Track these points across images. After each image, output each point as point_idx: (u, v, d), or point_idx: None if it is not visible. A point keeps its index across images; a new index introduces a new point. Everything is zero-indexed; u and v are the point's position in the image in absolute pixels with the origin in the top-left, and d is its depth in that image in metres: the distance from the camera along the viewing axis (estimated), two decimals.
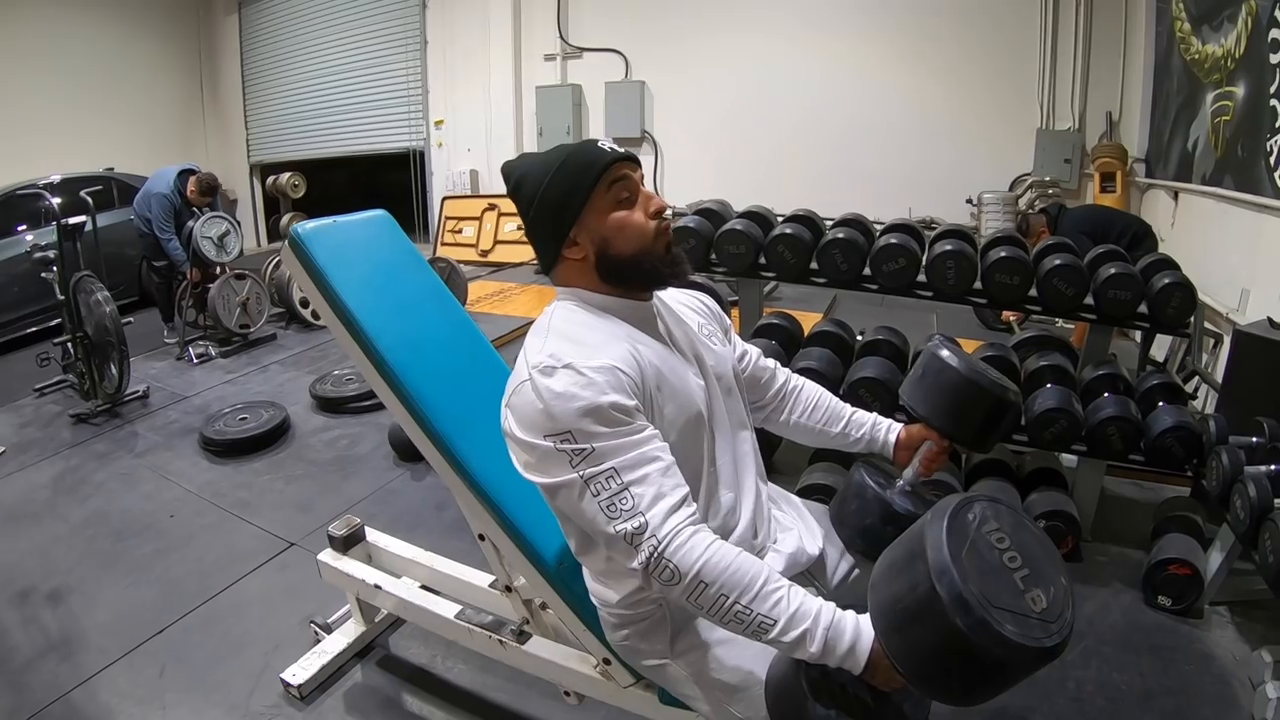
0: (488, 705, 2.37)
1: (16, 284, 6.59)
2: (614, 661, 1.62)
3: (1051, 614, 1.04)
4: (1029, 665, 1.03)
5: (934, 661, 1.05)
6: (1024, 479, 3.28)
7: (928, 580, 1.03)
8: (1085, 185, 6.86)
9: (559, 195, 1.35)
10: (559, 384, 1.21)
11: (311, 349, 6.13)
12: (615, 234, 1.35)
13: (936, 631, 1.02)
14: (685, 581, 1.16)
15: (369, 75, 10.57)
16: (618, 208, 1.36)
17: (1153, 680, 2.45)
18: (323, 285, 1.76)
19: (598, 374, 1.22)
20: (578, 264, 1.39)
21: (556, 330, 1.33)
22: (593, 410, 1.19)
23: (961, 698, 1.11)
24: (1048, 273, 3.10)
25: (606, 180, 1.34)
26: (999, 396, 1.50)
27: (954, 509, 1.12)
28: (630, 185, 1.37)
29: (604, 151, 1.36)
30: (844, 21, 7.62)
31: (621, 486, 1.18)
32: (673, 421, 1.34)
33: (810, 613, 1.15)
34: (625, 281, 1.39)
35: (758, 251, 3.46)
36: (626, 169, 1.37)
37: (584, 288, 1.41)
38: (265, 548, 3.29)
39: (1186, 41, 5.25)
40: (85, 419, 4.81)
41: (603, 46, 8.82)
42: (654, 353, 1.36)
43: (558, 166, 1.35)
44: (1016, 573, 1.07)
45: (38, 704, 2.43)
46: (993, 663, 1.01)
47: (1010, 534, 1.12)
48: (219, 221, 6.21)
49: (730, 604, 1.16)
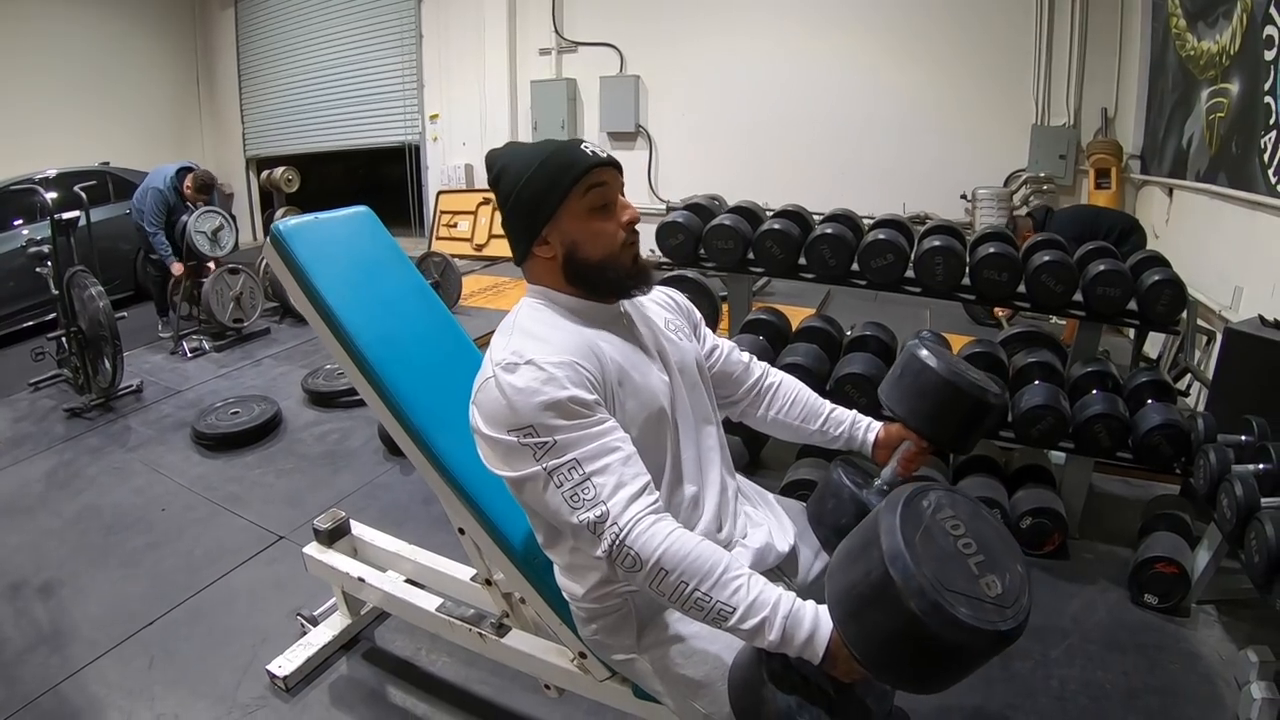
0: (471, 698, 2.38)
1: (12, 279, 6.59)
2: (590, 655, 1.63)
3: (1006, 599, 1.04)
4: (984, 650, 1.03)
5: (889, 647, 1.06)
6: (1011, 476, 3.29)
7: (881, 566, 1.03)
8: (1080, 181, 6.85)
9: (535, 193, 1.35)
10: (520, 380, 1.23)
11: (305, 343, 6.13)
12: (585, 239, 1.37)
13: (891, 616, 1.02)
14: (646, 568, 1.18)
15: (364, 69, 10.55)
16: (591, 214, 1.37)
17: (1137, 679, 2.45)
18: (303, 281, 1.77)
19: (558, 369, 1.24)
20: (547, 262, 1.41)
21: (520, 328, 1.35)
22: (553, 404, 1.21)
23: (918, 684, 1.11)
24: (1036, 269, 3.09)
25: (584, 184, 1.35)
26: (978, 398, 1.49)
27: (908, 496, 1.12)
28: (608, 193, 1.38)
29: (585, 155, 1.36)
30: (839, 16, 7.60)
31: (583, 477, 1.21)
32: (634, 417, 1.35)
33: (769, 601, 1.16)
34: (589, 286, 1.41)
35: (746, 247, 3.46)
36: (606, 175, 1.38)
37: (551, 286, 1.43)
38: (254, 541, 3.30)
39: (1182, 38, 5.24)
40: (79, 413, 4.81)
41: (597, 41, 8.80)
42: (616, 350, 1.38)
43: (538, 164, 1.35)
44: (971, 559, 1.07)
45: (28, 695, 2.44)
46: (947, 647, 1.01)
47: (965, 522, 1.12)
48: (213, 216, 6.21)
49: (690, 590, 1.17)
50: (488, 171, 1.45)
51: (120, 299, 7.07)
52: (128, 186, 7.97)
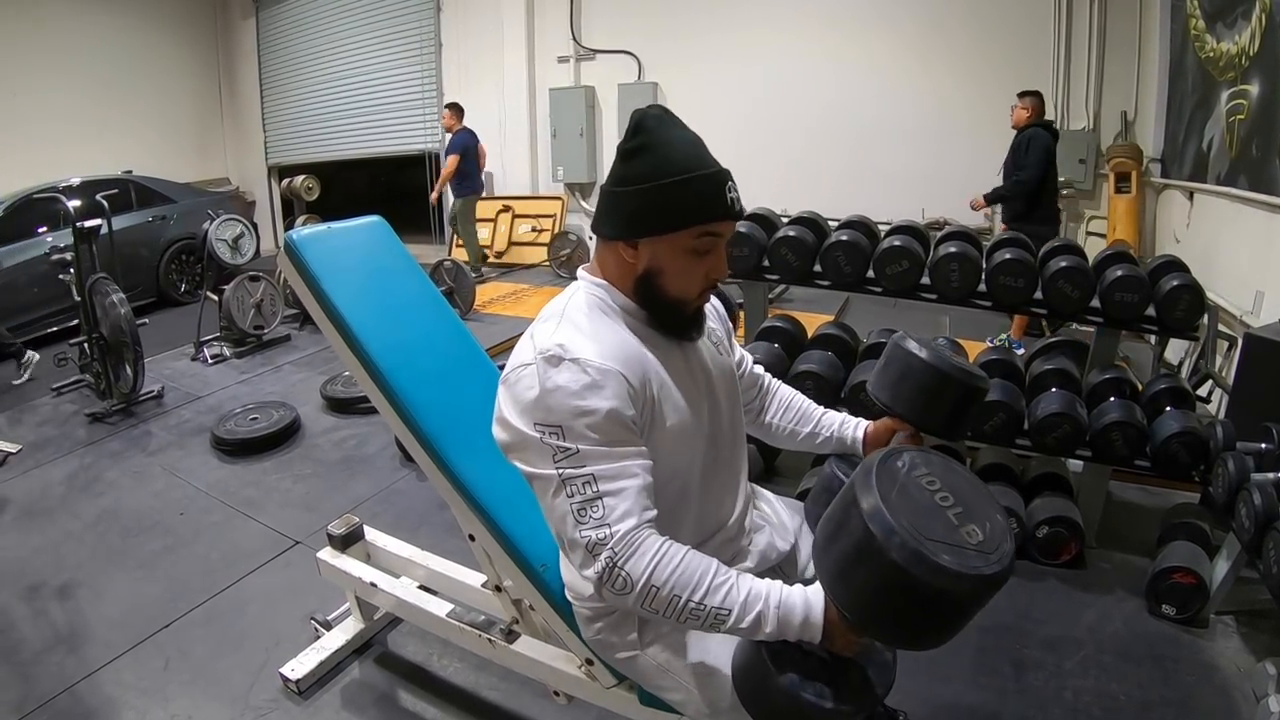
0: (481, 703, 2.39)
1: (37, 285, 6.71)
2: (597, 662, 1.63)
3: (989, 545, 1.05)
4: (971, 594, 1.04)
5: (879, 603, 1.07)
6: (1028, 484, 3.26)
7: (861, 523, 1.05)
8: (1100, 185, 6.79)
9: (662, 204, 1.27)
10: (562, 376, 1.20)
11: (324, 350, 6.16)
12: (672, 273, 1.31)
13: (876, 571, 1.04)
14: (637, 589, 1.17)
15: (385, 77, 10.64)
16: (692, 255, 1.30)
17: (1152, 691, 2.41)
18: (315, 290, 1.79)
19: (602, 376, 1.20)
20: (624, 264, 1.34)
21: (571, 319, 1.31)
22: (589, 413, 1.19)
23: (913, 639, 1.13)
24: (1053, 275, 3.06)
25: (708, 229, 1.29)
26: (965, 382, 1.50)
27: (881, 458, 1.14)
28: (717, 243, 1.32)
29: (726, 203, 1.29)
30: (857, 23, 7.58)
31: (596, 495, 1.18)
32: (671, 429, 1.33)
33: (760, 595, 1.18)
34: (649, 309, 1.36)
35: (761, 254, 3.45)
36: (727, 228, 1.33)
37: (615, 284, 1.37)
38: (270, 546, 3.34)
39: (1201, 39, 5.19)
40: (100, 418, 4.88)
41: (615, 48, 8.84)
42: (662, 359, 1.35)
43: (686, 179, 1.26)
44: (950, 510, 1.09)
45: (45, 695, 2.48)
46: (934, 595, 1.02)
47: (940, 477, 1.14)
48: (233, 224, 6.28)
49: (684, 603, 1.17)
50: (629, 133, 1.32)
51: (142, 305, 7.15)
52: (151, 195, 8.11)
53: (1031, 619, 2.74)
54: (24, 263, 6.82)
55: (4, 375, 6.09)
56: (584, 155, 9.18)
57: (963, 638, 2.53)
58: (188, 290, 8.29)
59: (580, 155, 9.19)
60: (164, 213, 8.20)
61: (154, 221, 8.07)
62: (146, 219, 8.00)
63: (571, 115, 9.10)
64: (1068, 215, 7.06)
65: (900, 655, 1.33)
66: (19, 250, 6.88)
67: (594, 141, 9.25)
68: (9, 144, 9.08)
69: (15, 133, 9.26)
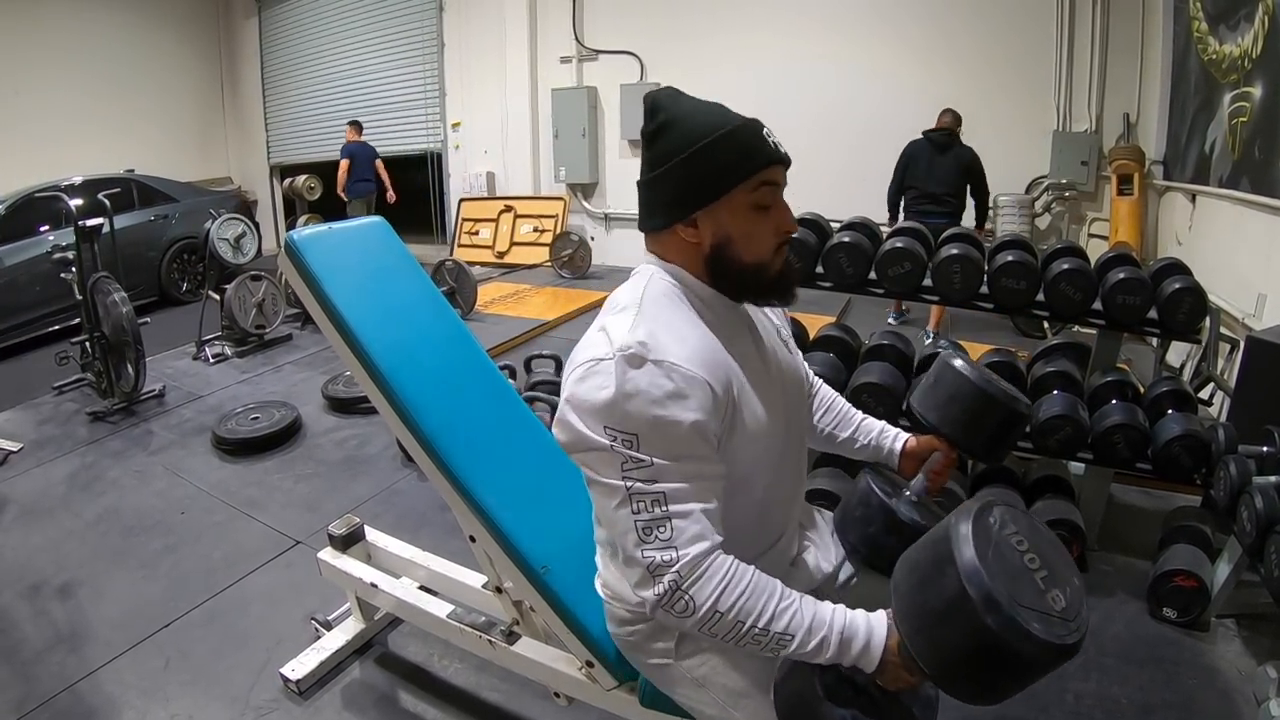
0: (482, 704, 2.39)
1: (38, 283, 6.74)
2: (597, 664, 1.63)
3: (1070, 612, 1.05)
4: (1052, 662, 1.04)
5: (961, 661, 1.06)
6: (1030, 486, 3.25)
7: (957, 581, 1.04)
8: (1102, 188, 6.79)
9: (704, 170, 1.19)
10: (644, 379, 1.10)
11: (326, 349, 6.15)
12: (741, 237, 1.22)
13: (965, 631, 1.03)
14: (700, 614, 1.12)
15: (387, 77, 10.67)
16: (755, 212, 1.21)
17: (1154, 694, 2.41)
18: (316, 291, 1.79)
19: (688, 384, 1.11)
20: (688, 245, 1.25)
21: (650, 312, 1.19)
22: (672, 424, 1.10)
23: (984, 696, 1.11)
24: (1055, 277, 3.05)
25: (760, 179, 1.20)
26: (1011, 408, 1.48)
27: (977, 512, 1.12)
28: (776, 194, 1.24)
29: (769, 145, 1.21)
30: (860, 26, 7.59)
31: (665, 515, 1.11)
32: (751, 433, 1.25)
33: (825, 621, 1.14)
34: (732, 285, 1.26)
35: None
36: (781, 174, 1.24)
37: (688, 270, 1.27)
38: (271, 545, 3.33)
39: (1204, 42, 5.19)
40: (102, 417, 4.88)
41: (618, 49, 8.84)
42: (743, 361, 1.26)
43: (719, 137, 1.18)
44: (1037, 573, 1.08)
45: (45, 694, 2.47)
46: (1019, 661, 1.02)
47: (1028, 536, 1.13)
48: (235, 223, 6.28)
49: (747, 629, 1.13)
50: (645, 117, 1.26)
51: (144, 305, 7.16)
52: (153, 194, 8.12)
53: None
54: (25, 261, 6.85)
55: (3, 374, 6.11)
56: (586, 156, 9.20)
57: None
58: (189, 289, 8.32)
59: (582, 156, 9.20)
60: (166, 212, 8.23)
61: (156, 220, 8.10)
62: (148, 218, 8.03)
63: (574, 116, 9.11)
64: (1069, 217, 7.06)
65: None
66: (21, 249, 6.91)
67: (596, 142, 9.26)
68: (11, 142, 9.12)
69: (17, 131, 9.30)
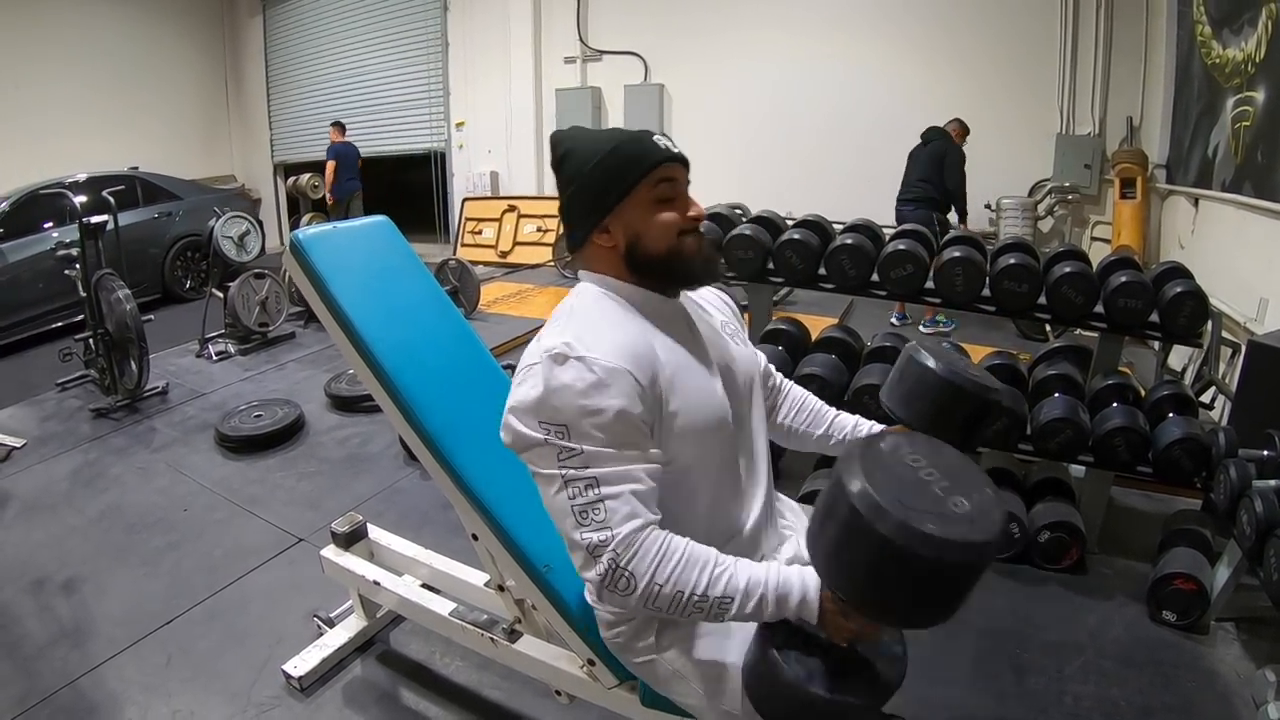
0: (483, 702, 2.39)
1: (42, 280, 6.76)
2: (598, 662, 1.64)
3: (976, 513, 1.04)
4: (966, 564, 1.03)
5: (870, 580, 1.06)
6: (1030, 489, 3.26)
7: (847, 504, 1.04)
8: (1105, 191, 6.79)
9: (601, 181, 1.32)
10: (568, 374, 1.19)
11: (329, 348, 6.16)
12: (649, 231, 1.33)
13: (864, 548, 1.04)
14: (640, 589, 1.18)
15: (391, 77, 10.69)
16: (657, 206, 1.33)
17: (1153, 697, 2.41)
18: (321, 289, 1.80)
19: (610, 375, 1.20)
20: (607, 251, 1.37)
21: (578, 317, 1.31)
22: (595, 412, 1.18)
23: (907, 616, 1.13)
24: (1057, 280, 3.06)
25: (654, 177, 1.32)
26: (980, 396, 1.47)
27: (865, 442, 1.15)
28: (676, 187, 1.35)
29: (657, 147, 1.33)
30: (864, 27, 7.60)
31: (599, 498, 1.18)
32: (687, 423, 1.31)
33: (760, 580, 1.18)
34: (652, 278, 1.37)
35: (766, 256, 3.45)
36: (676, 170, 1.35)
37: (612, 275, 1.39)
38: (274, 543, 3.34)
39: (1207, 46, 5.19)
40: (105, 414, 4.89)
41: (622, 49, 8.87)
42: (674, 352, 1.34)
43: (608, 151, 1.32)
44: (935, 484, 1.09)
45: (47, 689, 2.48)
46: (926, 564, 1.01)
47: (926, 455, 1.14)
48: (239, 221, 6.29)
49: (688, 597, 1.18)
50: (552, 152, 1.40)
51: (147, 302, 7.16)
52: (157, 191, 8.13)
53: (1032, 624, 2.74)
54: (29, 258, 6.86)
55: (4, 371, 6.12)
56: None
57: (963, 640, 2.55)
58: (193, 287, 8.32)
59: None
60: (170, 209, 8.23)
61: (160, 218, 8.11)
62: (152, 215, 8.04)
63: (578, 116, 9.06)
64: (1072, 220, 7.07)
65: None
66: (25, 245, 6.92)
67: None
68: (14, 138, 9.15)
69: (20, 126, 9.33)
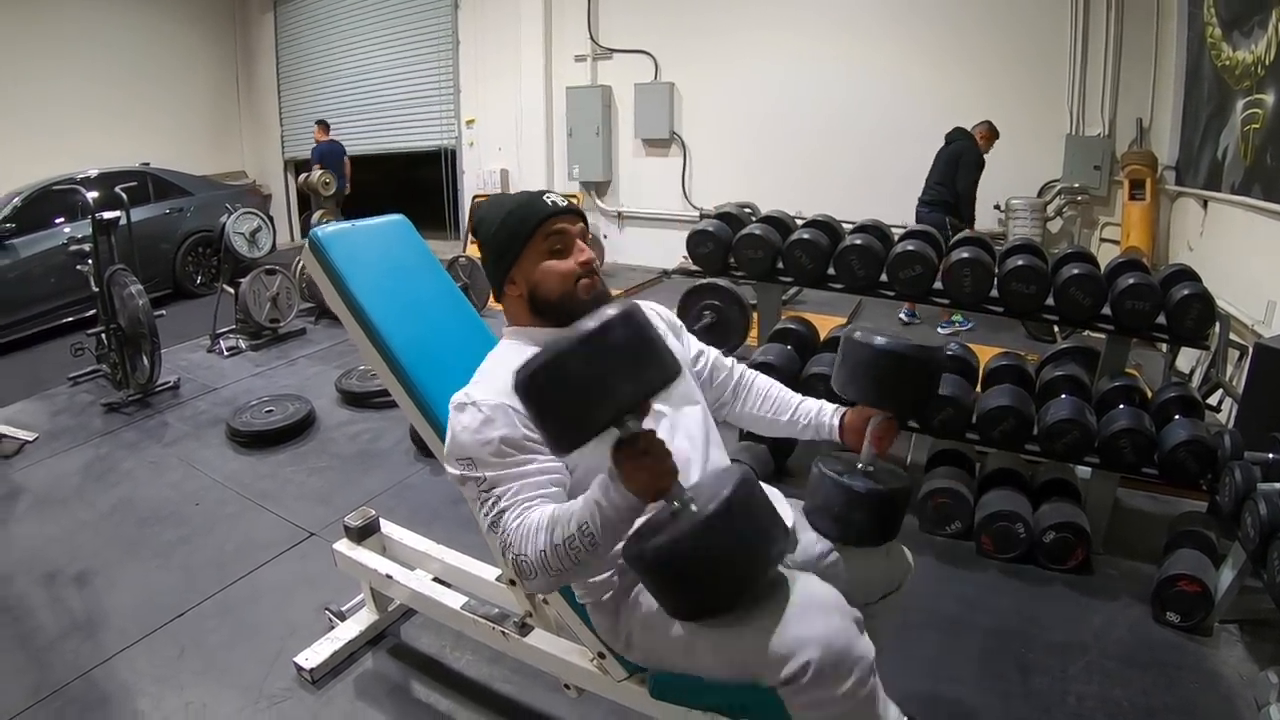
0: (494, 695, 2.41)
1: (53, 275, 6.79)
2: (609, 656, 1.67)
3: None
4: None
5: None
6: (1037, 489, 3.27)
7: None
8: (1115, 192, 6.77)
9: (503, 240, 1.55)
10: (465, 419, 1.41)
11: (339, 344, 6.21)
12: (543, 279, 1.54)
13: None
14: (534, 559, 1.31)
15: (402, 74, 10.69)
16: (549, 256, 1.53)
17: (1156, 698, 2.41)
18: (339, 286, 1.85)
19: (493, 411, 1.39)
20: (517, 300, 1.59)
21: (483, 370, 1.53)
22: (486, 443, 1.38)
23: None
24: (1065, 282, 3.08)
25: (542, 232, 1.52)
26: (920, 359, 1.57)
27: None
28: (565, 238, 1.54)
29: (545, 205, 1.54)
30: (874, 27, 7.57)
31: (501, 509, 1.36)
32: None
33: (587, 498, 1.28)
34: (554, 317, 1.54)
35: (776, 256, 3.47)
36: (563, 222, 1.54)
37: (524, 323, 1.60)
38: (285, 537, 3.36)
39: (1217, 48, 5.18)
40: (117, 408, 4.92)
41: (632, 48, 8.85)
42: None
43: (505, 215, 1.55)
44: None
45: (59, 681, 2.50)
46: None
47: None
48: (251, 218, 6.32)
49: (564, 548, 1.28)
50: (472, 222, 1.57)
51: (158, 297, 7.20)
52: (168, 187, 8.16)
53: (1038, 623, 2.75)
54: (41, 253, 6.90)
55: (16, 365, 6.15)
56: (600, 154, 9.21)
57: (969, 639, 2.56)
58: (204, 282, 8.36)
59: (596, 154, 9.21)
60: (181, 205, 8.27)
61: (171, 214, 8.14)
62: (163, 211, 8.07)
63: (588, 114, 9.12)
64: (1081, 221, 7.06)
65: (906, 658, 1.34)
66: (36, 241, 6.95)
67: (610, 141, 9.27)
68: (25, 132, 9.18)
69: (31, 121, 9.36)
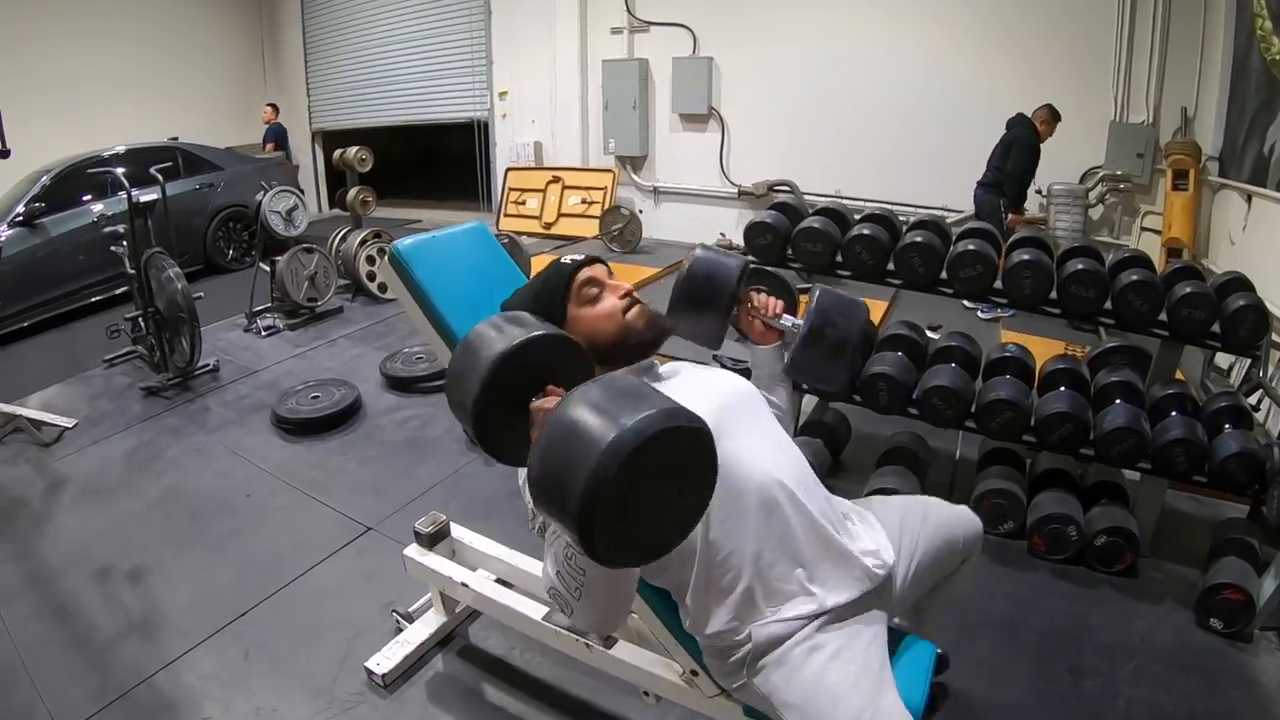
0: (567, 698, 2.41)
1: (82, 253, 6.77)
2: (701, 673, 1.68)
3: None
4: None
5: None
6: (1087, 491, 3.30)
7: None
8: (1157, 181, 6.66)
9: (541, 307, 1.55)
10: None
11: (378, 322, 6.18)
12: (595, 328, 1.56)
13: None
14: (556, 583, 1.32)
15: (432, 44, 10.53)
16: (589, 304, 1.58)
17: (1199, 703, 2.45)
18: (421, 299, 1.87)
19: None
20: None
21: None
22: None
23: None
24: (1124, 288, 3.06)
25: (573, 288, 1.58)
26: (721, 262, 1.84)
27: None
28: (594, 282, 1.59)
29: (565, 266, 1.60)
30: (917, 8, 7.44)
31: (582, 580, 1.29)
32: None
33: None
34: (624, 358, 1.57)
35: (835, 250, 3.45)
36: (587, 272, 1.60)
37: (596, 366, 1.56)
38: (342, 532, 3.32)
39: (1267, 41, 5.09)
40: (156, 392, 4.86)
41: (670, 21, 8.67)
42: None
43: (533, 295, 1.59)
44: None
45: (122, 686, 2.48)
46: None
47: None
48: (287, 196, 6.31)
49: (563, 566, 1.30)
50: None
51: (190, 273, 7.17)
52: (198, 162, 8.12)
53: (1087, 625, 2.79)
54: (70, 231, 6.85)
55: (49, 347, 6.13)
56: (636, 128, 9.03)
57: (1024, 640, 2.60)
58: (235, 258, 8.36)
59: (633, 128, 9.04)
60: (211, 180, 8.22)
61: (201, 189, 8.10)
62: (194, 186, 8.01)
63: (624, 88, 8.93)
64: (1122, 209, 6.99)
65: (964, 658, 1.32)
66: (66, 219, 6.90)
67: (647, 115, 9.10)
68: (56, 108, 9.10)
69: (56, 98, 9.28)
